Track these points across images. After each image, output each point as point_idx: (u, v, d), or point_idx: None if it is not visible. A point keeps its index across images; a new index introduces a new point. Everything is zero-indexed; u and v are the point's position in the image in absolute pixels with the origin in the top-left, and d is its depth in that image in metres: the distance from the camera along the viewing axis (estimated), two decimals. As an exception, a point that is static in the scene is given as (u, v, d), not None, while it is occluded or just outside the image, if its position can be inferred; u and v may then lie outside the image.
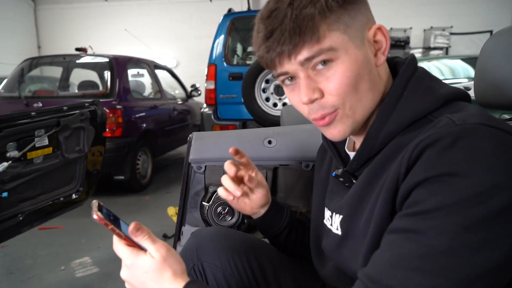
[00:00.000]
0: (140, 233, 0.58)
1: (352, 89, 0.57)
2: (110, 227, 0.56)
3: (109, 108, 3.49)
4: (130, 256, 0.59)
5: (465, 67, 4.98)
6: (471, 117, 0.50)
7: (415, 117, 0.57)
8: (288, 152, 1.16)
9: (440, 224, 0.45)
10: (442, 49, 8.30)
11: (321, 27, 0.54)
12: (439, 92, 0.58)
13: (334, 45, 0.55)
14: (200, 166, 1.22)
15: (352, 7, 0.57)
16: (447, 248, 0.44)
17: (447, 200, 0.45)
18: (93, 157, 2.20)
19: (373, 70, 0.59)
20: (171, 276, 0.58)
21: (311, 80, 0.58)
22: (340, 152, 0.72)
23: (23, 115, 1.78)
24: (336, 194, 0.70)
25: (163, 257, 0.58)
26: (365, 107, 0.60)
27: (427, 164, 0.48)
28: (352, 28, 0.57)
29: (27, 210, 1.82)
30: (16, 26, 9.21)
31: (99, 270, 2.26)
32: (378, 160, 0.59)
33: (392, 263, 0.47)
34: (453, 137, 0.48)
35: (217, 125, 3.89)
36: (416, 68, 0.62)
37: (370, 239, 0.56)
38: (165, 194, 3.90)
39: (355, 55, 0.57)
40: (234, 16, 3.99)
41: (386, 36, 0.60)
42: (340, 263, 0.67)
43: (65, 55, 4.22)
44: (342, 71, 0.56)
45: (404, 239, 0.48)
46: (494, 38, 0.86)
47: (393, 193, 0.53)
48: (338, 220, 0.67)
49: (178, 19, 9.40)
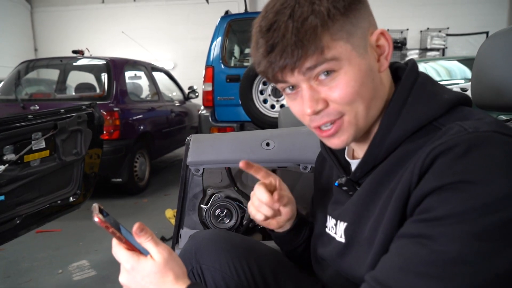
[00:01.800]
0: (143, 233, 0.58)
1: (357, 97, 0.56)
2: (110, 230, 0.56)
3: (107, 110, 3.48)
4: (130, 260, 0.58)
5: (462, 68, 4.99)
6: (483, 124, 0.50)
7: (420, 124, 0.56)
8: (286, 154, 1.16)
9: (451, 231, 0.45)
10: (439, 50, 8.33)
11: (324, 38, 0.53)
12: (443, 97, 0.58)
13: (337, 55, 0.54)
14: (198, 169, 1.22)
15: (354, 14, 0.55)
16: (457, 255, 0.44)
17: (459, 208, 0.45)
18: (90, 159, 2.20)
19: (376, 77, 0.59)
20: (172, 280, 0.57)
21: (313, 91, 0.57)
22: (340, 160, 0.72)
23: (20, 118, 1.77)
24: (340, 203, 0.70)
25: (165, 260, 0.58)
26: (369, 115, 0.59)
27: (440, 172, 0.48)
28: (355, 37, 0.55)
29: (24, 214, 1.81)
30: (13, 28, 9.18)
31: (97, 274, 2.24)
32: (383, 168, 0.58)
33: (401, 267, 0.48)
34: (466, 145, 0.48)
35: (215, 127, 3.88)
36: (418, 74, 0.61)
37: (378, 247, 0.55)
38: (163, 196, 3.89)
39: (359, 64, 0.56)
40: (231, 18, 3.99)
41: (389, 40, 0.59)
42: (343, 271, 0.66)
43: (62, 58, 4.20)
44: (346, 81, 0.55)
45: (414, 244, 0.48)
46: (491, 39, 0.86)
47: (404, 201, 0.52)
48: (342, 227, 0.66)
49: (175, 21, 9.40)
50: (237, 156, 1.19)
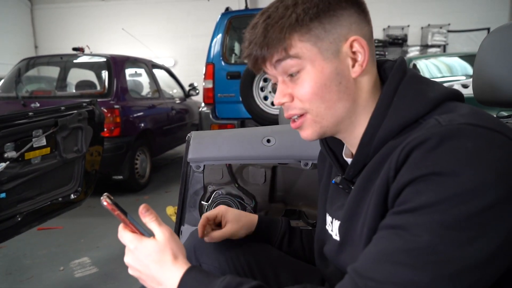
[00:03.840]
0: (149, 213, 0.63)
1: (318, 98, 0.61)
2: (116, 213, 0.61)
3: (107, 107, 3.47)
4: (134, 241, 0.62)
5: (463, 65, 4.98)
6: (458, 117, 0.51)
7: (406, 123, 0.57)
8: (287, 151, 1.16)
9: (423, 221, 0.47)
10: (440, 47, 8.31)
11: (291, 37, 0.59)
12: (429, 95, 0.58)
13: (300, 54, 0.60)
14: (198, 166, 1.22)
15: (329, 20, 0.59)
16: (428, 244, 0.46)
17: (431, 199, 0.47)
18: (91, 157, 2.20)
19: (345, 81, 0.61)
20: (171, 259, 0.61)
21: (285, 85, 0.64)
22: (339, 158, 0.73)
23: (21, 116, 1.77)
24: (336, 200, 0.72)
25: (166, 239, 0.62)
26: (335, 115, 0.62)
27: (414, 165, 0.50)
28: (324, 41, 0.59)
29: (26, 211, 1.82)
30: (13, 26, 9.17)
31: (98, 270, 2.25)
32: (371, 165, 0.60)
33: (377, 257, 0.50)
34: (439, 138, 0.49)
35: (216, 124, 3.88)
36: (406, 72, 0.62)
37: (364, 243, 0.57)
38: (163, 193, 3.89)
39: (322, 67, 0.60)
40: (231, 15, 3.98)
41: (365, 47, 0.60)
42: (341, 267, 0.68)
43: (62, 55, 4.20)
44: (307, 81, 0.61)
45: (390, 235, 0.50)
46: (492, 35, 0.86)
47: (384, 195, 0.54)
48: (336, 226, 0.69)
49: (175, 18, 9.38)
50: (238, 153, 1.19)
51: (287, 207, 1.23)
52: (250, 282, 0.60)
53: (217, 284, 0.59)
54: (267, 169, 1.22)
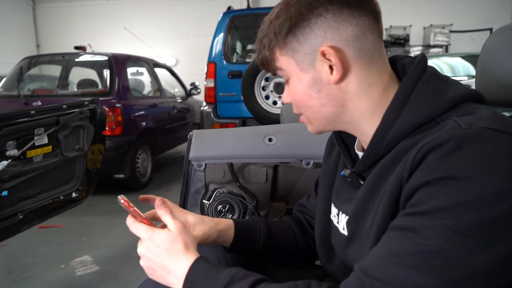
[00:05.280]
0: (164, 207, 0.68)
1: (301, 104, 0.65)
2: (132, 209, 0.67)
3: (109, 106, 3.48)
4: (148, 231, 0.66)
5: (465, 65, 4.97)
6: (478, 120, 0.50)
7: (421, 121, 0.56)
8: (288, 150, 1.16)
9: (434, 225, 0.46)
10: (442, 47, 8.28)
11: (274, 52, 0.64)
12: (447, 95, 0.57)
13: (283, 67, 0.64)
14: (200, 164, 1.22)
15: (302, 32, 0.60)
16: (437, 249, 0.45)
17: (444, 203, 0.46)
18: (92, 155, 2.20)
19: (325, 89, 0.61)
20: (183, 249, 0.64)
21: (287, 87, 0.68)
22: (350, 150, 0.72)
23: (23, 114, 1.77)
24: (343, 192, 0.71)
25: (178, 230, 0.65)
26: (325, 117, 0.64)
27: (429, 167, 0.48)
28: (299, 53, 0.61)
29: (27, 209, 1.82)
30: (15, 24, 9.18)
31: (100, 269, 2.26)
32: (384, 163, 0.59)
33: (384, 257, 0.49)
34: (457, 141, 0.48)
35: (217, 123, 3.88)
36: (425, 70, 0.60)
37: (372, 241, 0.56)
38: (165, 192, 3.90)
39: (300, 78, 0.63)
40: (233, 14, 3.98)
41: (334, 55, 0.59)
42: (348, 262, 0.68)
43: (64, 54, 4.21)
44: (293, 89, 0.65)
45: (399, 236, 0.49)
46: (495, 35, 0.86)
47: (396, 195, 0.53)
48: (344, 220, 0.68)
49: (177, 17, 9.38)
50: (239, 152, 1.19)
51: (288, 206, 1.23)
52: (256, 275, 0.61)
53: (223, 274, 0.60)
54: (268, 168, 1.22)
